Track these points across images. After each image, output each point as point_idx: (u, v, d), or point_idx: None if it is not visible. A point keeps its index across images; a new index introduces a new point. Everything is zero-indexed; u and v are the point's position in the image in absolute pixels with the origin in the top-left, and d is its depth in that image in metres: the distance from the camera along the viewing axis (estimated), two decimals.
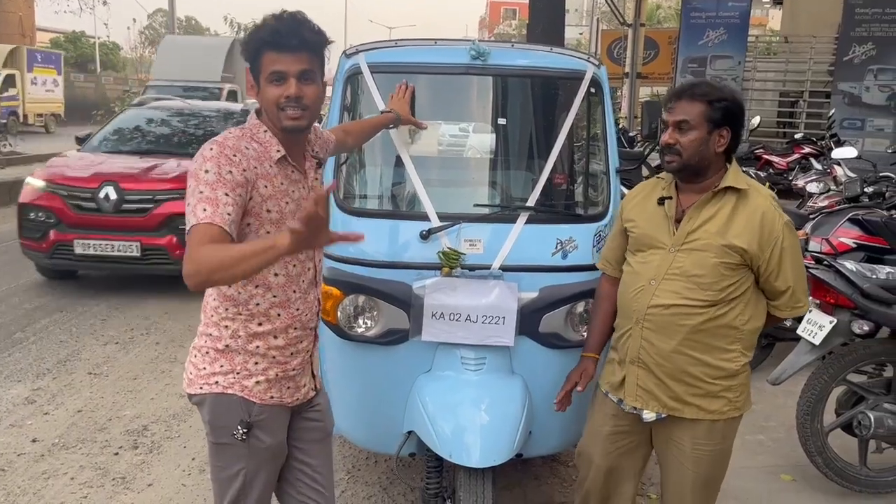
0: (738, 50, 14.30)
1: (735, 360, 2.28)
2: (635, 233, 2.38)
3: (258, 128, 2.02)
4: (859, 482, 3.50)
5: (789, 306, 2.31)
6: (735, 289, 2.23)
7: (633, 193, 2.50)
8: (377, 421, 2.88)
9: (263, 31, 1.93)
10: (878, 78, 12.83)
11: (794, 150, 11.11)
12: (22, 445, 3.87)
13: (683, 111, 2.22)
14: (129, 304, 6.46)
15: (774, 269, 2.23)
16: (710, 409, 2.29)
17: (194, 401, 2.08)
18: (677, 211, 2.31)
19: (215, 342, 2.02)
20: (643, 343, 2.30)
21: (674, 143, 2.23)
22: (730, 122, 2.24)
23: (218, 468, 2.09)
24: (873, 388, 3.53)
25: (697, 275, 2.21)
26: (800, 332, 3.57)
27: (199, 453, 3.82)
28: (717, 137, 2.23)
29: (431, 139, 4.11)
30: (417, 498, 3.14)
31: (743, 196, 2.24)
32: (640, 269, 2.33)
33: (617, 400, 2.42)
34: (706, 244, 2.21)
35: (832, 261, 3.51)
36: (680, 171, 2.28)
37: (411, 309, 2.68)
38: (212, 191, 1.82)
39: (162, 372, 4.94)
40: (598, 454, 2.49)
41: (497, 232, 2.74)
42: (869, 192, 6.03)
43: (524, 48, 3.40)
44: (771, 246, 2.21)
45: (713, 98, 2.22)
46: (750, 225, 2.20)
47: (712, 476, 2.40)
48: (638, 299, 2.30)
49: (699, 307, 2.22)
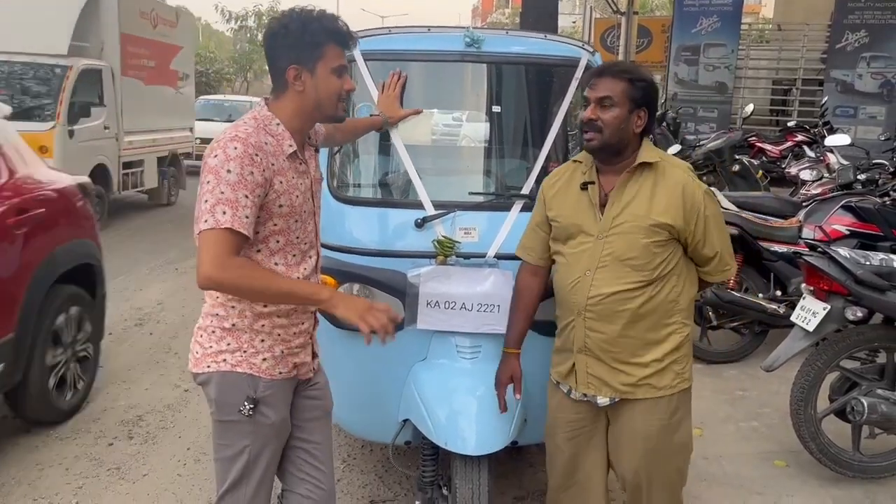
0: (731, 38, 14.25)
1: (678, 332, 2.32)
2: (560, 222, 2.38)
3: (271, 120, 2.03)
4: (853, 467, 3.53)
5: (718, 270, 2.37)
6: (667, 264, 2.27)
7: (552, 180, 2.48)
8: (373, 410, 2.88)
9: (328, 23, 2.00)
10: (871, 65, 12.81)
11: (787, 138, 11.10)
12: (16, 436, 3.86)
13: (606, 88, 2.24)
14: (122, 295, 6.43)
15: (701, 239, 2.28)
16: (661, 386, 2.32)
17: (200, 380, 2.10)
18: (601, 195, 2.32)
19: (222, 321, 2.05)
20: (588, 332, 2.31)
21: (595, 118, 2.24)
22: (647, 103, 2.27)
23: (222, 447, 2.11)
24: (867, 374, 3.55)
25: (630, 257, 2.24)
26: (793, 318, 3.58)
27: (193, 443, 3.82)
28: (636, 117, 2.26)
29: (425, 128, 4.10)
30: (413, 486, 3.14)
31: (660, 171, 2.27)
32: (573, 261, 2.33)
33: (567, 389, 2.43)
34: (633, 226, 2.24)
35: (826, 248, 3.52)
36: (600, 150, 2.29)
37: (406, 297, 2.67)
38: (233, 192, 1.86)
39: (156, 362, 4.93)
40: (561, 440, 2.50)
41: (492, 220, 2.74)
42: (862, 179, 6.05)
43: (519, 35, 3.39)
44: (695, 217, 2.25)
45: (635, 77, 2.25)
46: (672, 200, 2.23)
47: (670, 449, 2.39)
48: (576, 291, 2.31)
49: (637, 289, 2.24)
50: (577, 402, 2.42)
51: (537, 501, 3.31)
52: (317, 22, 1.99)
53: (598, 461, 2.51)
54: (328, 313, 2.73)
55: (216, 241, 1.84)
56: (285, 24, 1.99)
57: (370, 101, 2.97)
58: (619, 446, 2.45)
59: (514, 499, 3.34)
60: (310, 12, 2.00)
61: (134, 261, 7.62)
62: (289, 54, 2.00)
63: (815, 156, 8.14)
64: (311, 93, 2.02)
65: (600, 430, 2.48)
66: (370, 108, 3.00)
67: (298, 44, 1.98)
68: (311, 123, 2.15)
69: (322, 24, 1.99)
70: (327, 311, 2.04)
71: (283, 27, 1.99)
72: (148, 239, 8.74)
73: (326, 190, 2.88)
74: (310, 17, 1.99)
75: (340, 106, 2.10)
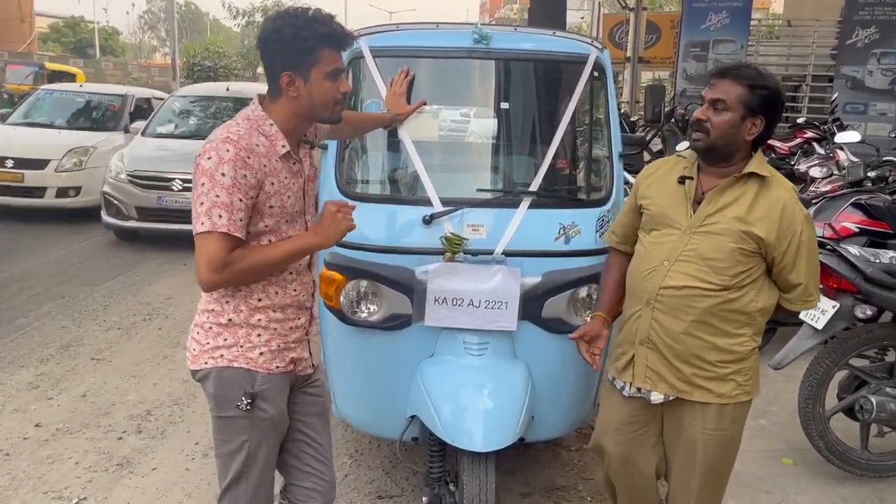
0: (740, 34, 14.20)
1: (744, 344, 2.26)
2: (651, 210, 2.35)
3: (264, 120, 2.03)
4: (861, 466, 3.51)
5: (801, 300, 2.29)
6: (748, 275, 2.21)
7: (651, 170, 2.46)
8: (380, 406, 2.89)
9: (322, 27, 1.97)
10: (882, 62, 12.74)
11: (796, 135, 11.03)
12: (26, 430, 3.89)
13: (722, 90, 2.18)
14: (131, 289, 6.46)
15: (790, 263, 2.22)
16: (719, 392, 2.28)
17: (198, 377, 2.12)
18: (696, 192, 2.28)
19: (217, 317, 2.07)
20: (653, 324, 2.28)
21: (705, 119, 2.19)
22: (766, 111, 2.19)
23: (222, 442, 2.14)
24: (875, 373, 3.54)
25: (713, 258, 2.20)
26: (802, 316, 3.56)
27: (202, 437, 3.84)
28: (749, 124, 2.19)
29: (433, 125, 4.10)
30: (420, 482, 3.15)
31: (765, 185, 2.21)
32: (653, 250, 2.30)
33: (621, 385, 2.40)
34: (725, 228, 2.19)
35: (835, 245, 3.51)
36: (705, 152, 2.25)
37: (414, 294, 2.68)
38: (228, 195, 1.90)
39: (165, 357, 4.95)
40: (610, 444, 2.47)
41: (500, 217, 2.74)
42: (872, 176, 6.00)
43: (527, 32, 3.38)
44: (788, 238, 2.18)
45: (755, 84, 2.17)
46: (770, 214, 2.18)
47: (720, 462, 2.38)
48: (650, 279, 2.28)
49: (712, 290, 2.20)
50: (632, 399, 2.39)
51: (544, 498, 3.31)
52: (309, 27, 1.96)
53: (651, 466, 2.47)
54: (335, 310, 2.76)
55: (213, 245, 1.90)
56: (278, 28, 1.97)
57: (378, 97, 2.98)
58: (669, 449, 2.43)
59: (520, 495, 3.34)
60: (305, 14, 1.97)
61: (142, 255, 7.64)
62: (282, 59, 1.98)
63: (824, 153, 8.09)
64: (305, 98, 2.02)
65: (653, 434, 2.44)
66: (378, 104, 3.01)
67: (291, 49, 1.96)
68: (306, 125, 2.14)
69: (315, 30, 1.96)
70: (321, 249, 2.13)
71: (276, 31, 1.97)
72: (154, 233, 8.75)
73: (334, 185, 2.89)
74: (304, 20, 1.96)
75: (336, 109, 2.08)
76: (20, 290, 6.34)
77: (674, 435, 2.40)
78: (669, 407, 2.36)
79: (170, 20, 24.08)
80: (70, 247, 7.89)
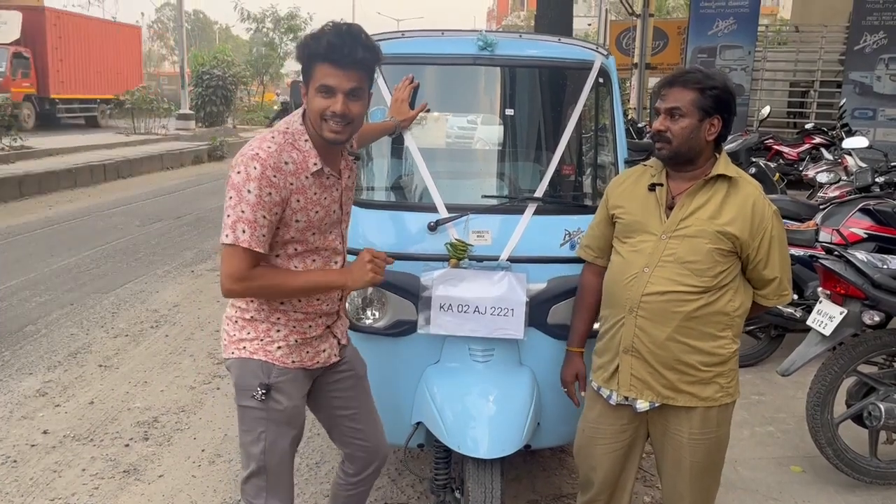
0: (747, 40, 14.18)
1: (726, 347, 2.29)
2: (625, 219, 2.38)
3: (300, 135, 2.10)
4: (869, 473, 3.49)
5: (776, 294, 2.34)
6: (727, 275, 2.25)
7: (619, 180, 2.50)
8: (386, 412, 2.87)
9: (320, 44, 1.99)
10: (890, 67, 12.72)
11: (804, 141, 11.02)
12: (33, 437, 3.90)
13: (675, 98, 2.23)
14: (139, 297, 6.49)
15: (763, 258, 2.26)
16: (703, 396, 2.30)
17: (227, 365, 2.26)
18: (668, 198, 2.32)
19: (243, 313, 2.20)
20: (637, 332, 2.29)
21: (665, 130, 2.24)
22: (721, 110, 2.24)
23: (243, 432, 2.25)
24: (884, 379, 3.51)
25: (692, 261, 2.22)
26: (810, 322, 3.55)
27: (208, 445, 3.84)
28: (707, 125, 2.24)
29: (439, 131, 4.11)
30: (426, 489, 3.15)
31: (734, 185, 2.27)
32: (631, 258, 2.32)
33: (607, 394, 2.41)
34: (699, 230, 2.23)
35: (843, 251, 3.48)
36: (671, 159, 2.29)
37: (419, 301, 2.67)
38: (252, 212, 1.99)
39: (172, 364, 4.96)
40: (599, 454, 2.47)
41: (505, 223, 2.74)
42: (880, 181, 5.98)
43: (532, 38, 3.38)
44: (761, 234, 2.23)
45: (705, 86, 2.22)
46: (741, 212, 2.23)
47: (709, 464, 2.39)
48: (632, 287, 2.29)
49: (693, 293, 2.23)
50: (618, 408, 2.39)
51: None
52: (313, 41, 2.00)
53: (632, 473, 2.51)
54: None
55: (235, 258, 2.01)
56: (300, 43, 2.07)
57: (384, 105, 2.98)
58: (658, 454, 2.45)
59: (527, 502, 3.32)
60: (323, 30, 2.01)
61: (150, 263, 7.68)
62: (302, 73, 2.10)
63: (832, 158, 8.07)
64: (309, 111, 2.08)
65: (639, 442, 2.47)
66: (384, 112, 3.01)
67: (299, 62, 2.06)
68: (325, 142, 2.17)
69: (310, 49, 2.01)
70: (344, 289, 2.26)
71: (297, 47, 2.07)
72: (164, 241, 8.79)
73: None
74: (314, 35, 2.02)
75: (325, 126, 2.03)
76: (29, 297, 6.37)
77: (660, 440, 2.41)
78: (654, 413, 2.37)
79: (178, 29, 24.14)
80: (78, 255, 7.93)
